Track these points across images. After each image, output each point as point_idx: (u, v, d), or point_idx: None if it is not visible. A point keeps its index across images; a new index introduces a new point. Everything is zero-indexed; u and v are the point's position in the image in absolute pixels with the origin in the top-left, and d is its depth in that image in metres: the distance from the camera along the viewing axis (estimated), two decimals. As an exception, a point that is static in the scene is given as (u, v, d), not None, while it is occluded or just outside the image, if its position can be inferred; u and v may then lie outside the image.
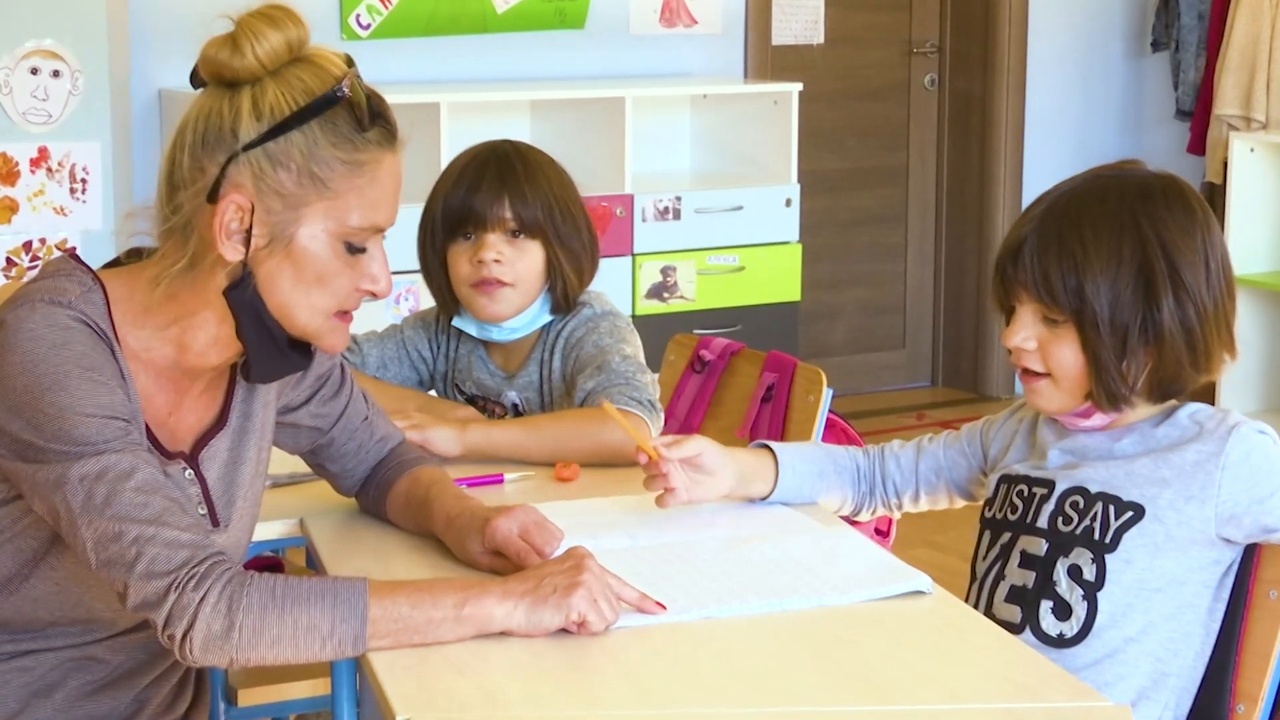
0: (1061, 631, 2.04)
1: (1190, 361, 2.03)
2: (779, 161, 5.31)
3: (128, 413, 1.77)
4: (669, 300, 5.07)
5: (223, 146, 1.77)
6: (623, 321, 2.64)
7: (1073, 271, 2.01)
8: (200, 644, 1.69)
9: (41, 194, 4.27)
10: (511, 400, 2.67)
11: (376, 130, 1.81)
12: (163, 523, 1.71)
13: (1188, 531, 2.02)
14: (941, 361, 6.66)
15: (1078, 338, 2.03)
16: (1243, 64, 5.90)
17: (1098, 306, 2.00)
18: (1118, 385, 2.03)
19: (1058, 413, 2.11)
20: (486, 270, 2.57)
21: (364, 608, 1.72)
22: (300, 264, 1.80)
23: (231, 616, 1.69)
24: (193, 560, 1.71)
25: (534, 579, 1.80)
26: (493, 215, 2.58)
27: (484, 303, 2.60)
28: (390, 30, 5.13)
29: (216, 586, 1.70)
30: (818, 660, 1.76)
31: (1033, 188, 6.31)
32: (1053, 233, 2.04)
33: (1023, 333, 2.07)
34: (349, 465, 2.19)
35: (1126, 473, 2.05)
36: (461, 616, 1.75)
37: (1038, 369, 2.08)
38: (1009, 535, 2.13)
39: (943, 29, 6.46)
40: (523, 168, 2.62)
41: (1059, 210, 2.06)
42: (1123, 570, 2.02)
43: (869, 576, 1.95)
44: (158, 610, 1.70)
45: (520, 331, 2.64)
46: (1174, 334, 2.01)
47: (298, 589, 1.72)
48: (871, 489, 2.32)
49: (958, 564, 2.36)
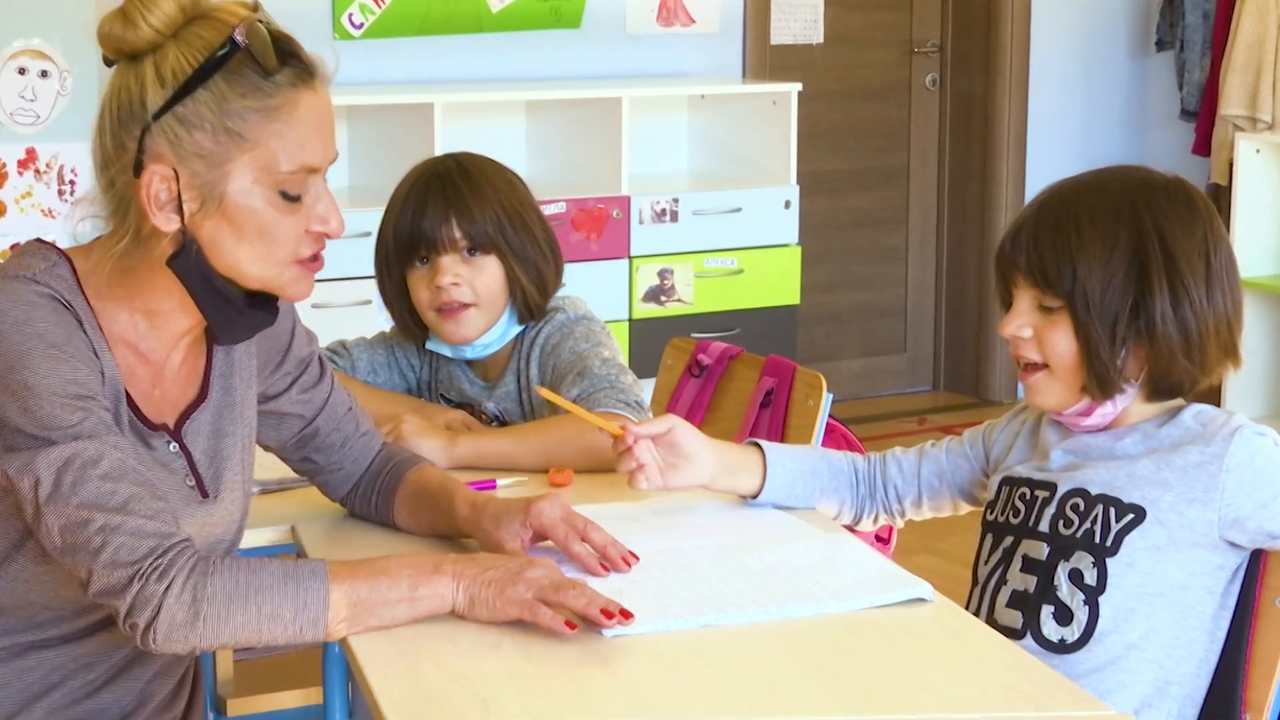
0: (1063, 637, 2.04)
1: (1184, 354, 2.03)
2: (778, 163, 5.31)
3: (95, 389, 1.78)
4: (666, 304, 5.07)
5: (136, 120, 1.79)
6: (597, 325, 2.64)
7: (1067, 255, 2.03)
8: (164, 633, 1.72)
9: (29, 196, 4.27)
10: (492, 411, 2.68)
11: (287, 71, 1.80)
12: (129, 511, 1.73)
13: (1190, 534, 2.02)
14: (943, 366, 6.67)
15: (1071, 324, 2.05)
16: (1248, 64, 5.90)
17: (1089, 289, 2.02)
18: (1107, 371, 2.04)
19: (1057, 408, 2.12)
20: (445, 295, 2.57)
21: (325, 593, 1.75)
22: (238, 221, 1.81)
23: (196, 606, 1.72)
24: (157, 550, 1.73)
25: (481, 565, 1.83)
26: (443, 237, 2.57)
27: (450, 328, 2.60)
28: (383, 30, 5.13)
29: (180, 576, 1.72)
30: (817, 669, 1.76)
31: (1035, 188, 6.26)
32: (1050, 218, 2.07)
33: (1018, 320, 2.09)
34: (335, 458, 2.19)
35: (1128, 474, 2.06)
36: (417, 597, 1.80)
37: (1034, 358, 2.09)
38: (1011, 539, 2.14)
39: (944, 28, 6.47)
40: (466, 184, 2.59)
41: (1059, 198, 2.09)
42: (1124, 574, 2.03)
43: (869, 584, 1.95)
44: (120, 598, 1.72)
45: (493, 347, 2.64)
46: (1167, 324, 2.02)
47: (261, 575, 1.75)
48: (872, 493, 2.32)
49: (959, 571, 2.36)
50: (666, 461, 2.17)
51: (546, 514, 2.01)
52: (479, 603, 1.81)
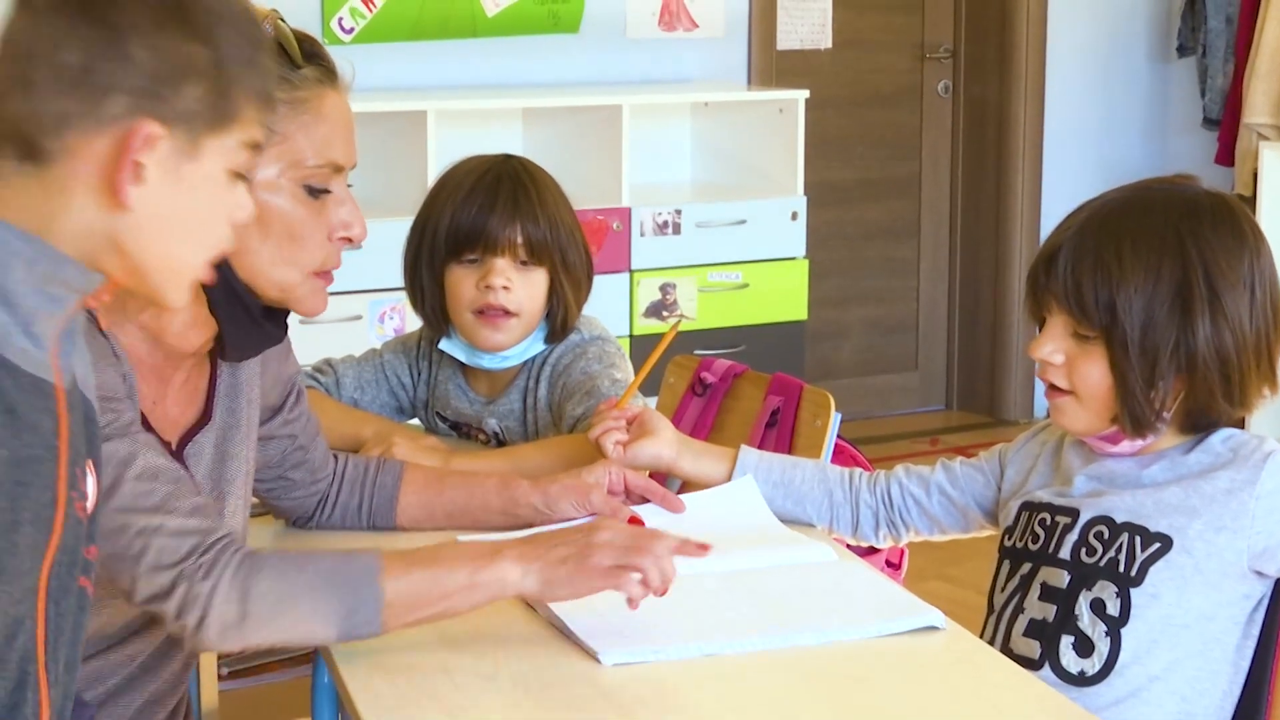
0: (1083, 669, 2.04)
1: (1224, 393, 2.02)
2: (784, 172, 5.32)
3: (123, 391, 1.80)
4: (668, 319, 5.07)
5: None
6: (612, 346, 2.65)
7: (1106, 285, 2.01)
8: (216, 633, 1.74)
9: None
10: (492, 428, 2.68)
11: (312, 68, 1.85)
12: (167, 510, 1.75)
13: (1219, 564, 2.01)
14: (956, 384, 6.67)
15: (1106, 356, 2.03)
16: (1273, 70, 5.91)
17: (1128, 325, 2.00)
18: (1144, 410, 2.02)
19: (1083, 433, 2.11)
20: (494, 297, 2.57)
21: (378, 590, 1.76)
22: (265, 219, 1.83)
23: (244, 605, 1.73)
24: (200, 548, 1.74)
25: (545, 544, 1.84)
26: (504, 239, 2.57)
27: (488, 333, 2.60)
28: (374, 34, 5.15)
29: (227, 574, 1.73)
30: (825, 699, 1.76)
31: (1052, 199, 6.33)
32: (1090, 243, 2.04)
33: (1050, 345, 2.07)
34: (312, 475, 2.23)
35: (1155, 501, 2.05)
36: (476, 584, 1.79)
37: (1062, 385, 2.08)
38: (1029, 566, 2.13)
39: (957, 32, 6.48)
40: (535, 189, 2.61)
41: (1099, 220, 2.06)
42: (1148, 605, 2.02)
43: (879, 611, 1.96)
44: (166, 601, 1.74)
45: (512, 360, 2.65)
46: (1208, 362, 2.00)
47: (310, 573, 1.76)
48: (873, 489, 2.32)
49: (972, 598, 2.36)
50: (631, 435, 2.28)
51: (598, 506, 2.19)
52: (558, 582, 1.81)
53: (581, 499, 2.23)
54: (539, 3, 5.38)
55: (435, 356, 2.74)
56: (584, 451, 2.39)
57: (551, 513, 2.22)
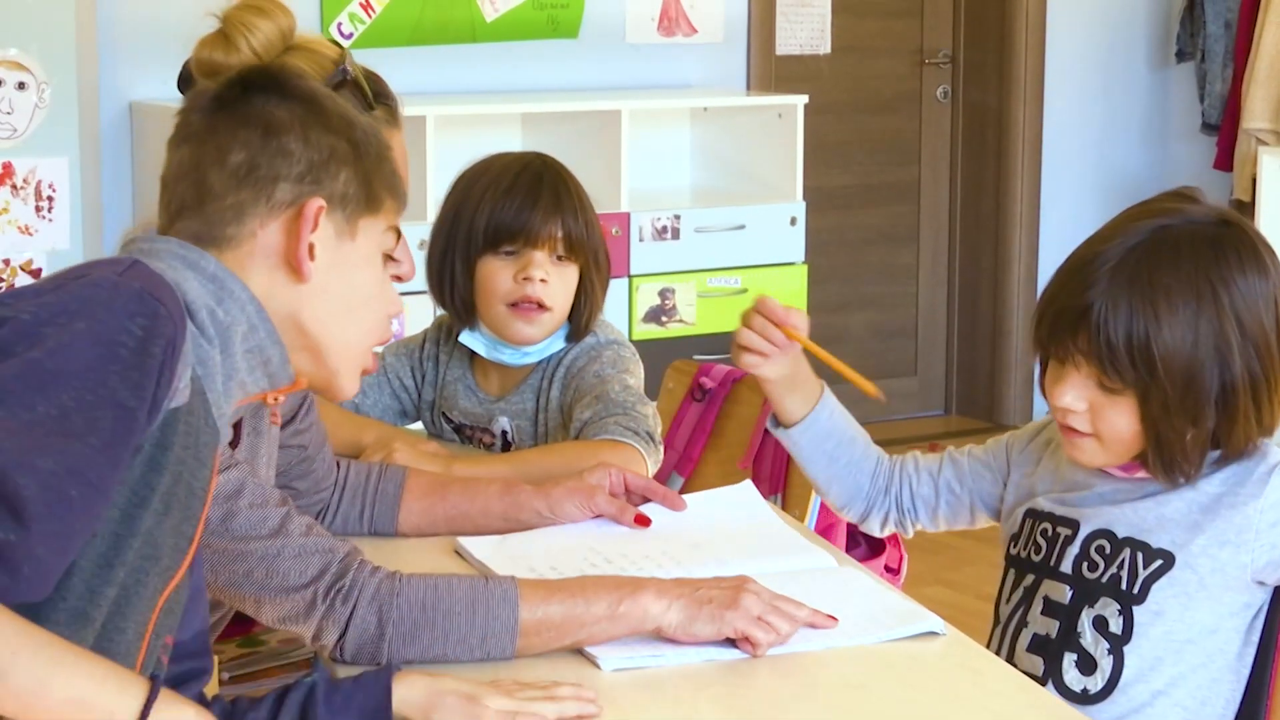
0: (1085, 687, 2.03)
1: (1256, 421, 2.00)
2: (783, 178, 5.32)
3: None
4: (667, 324, 5.07)
5: None
6: (627, 351, 2.66)
7: (1144, 345, 1.96)
8: (352, 651, 1.79)
9: (6, 212, 4.27)
10: (501, 427, 2.68)
11: (382, 108, 1.84)
12: (285, 533, 1.80)
13: (1222, 578, 2.00)
14: (955, 389, 6.67)
15: (1138, 409, 1.99)
16: (1272, 75, 5.92)
17: (1169, 384, 1.96)
18: (1180, 460, 2.00)
19: (1101, 465, 2.09)
20: (532, 289, 2.58)
21: (515, 619, 1.80)
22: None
23: (382, 628, 1.78)
24: (328, 569, 1.79)
25: (690, 585, 1.87)
26: (545, 233, 2.59)
27: (520, 326, 2.60)
28: (374, 39, 5.15)
29: (365, 597, 1.78)
30: (825, 704, 1.76)
31: (1051, 204, 6.33)
32: (1122, 300, 1.97)
33: (1072, 394, 2.02)
34: (317, 484, 2.24)
35: (1157, 516, 2.04)
36: (617, 615, 1.82)
37: (1084, 430, 2.04)
38: (1032, 577, 2.12)
39: (956, 38, 6.49)
40: (573, 186, 2.64)
41: (1127, 274, 1.98)
42: (1152, 623, 2.01)
43: (878, 617, 1.95)
44: (305, 623, 1.79)
45: (534, 357, 2.66)
46: (1245, 399, 1.98)
47: (449, 599, 1.80)
48: (887, 489, 2.30)
49: (971, 603, 2.37)
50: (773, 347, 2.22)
51: (602, 508, 2.20)
52: (701, 618, 1.83)
53: (585, 502, 2.23)
54: (538, 8, 5.38)
55: (442, 357, 2.74)
56: (585, 456, 2.39)
57: (555, 516, 2.23)
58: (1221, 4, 6.22)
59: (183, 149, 1.65)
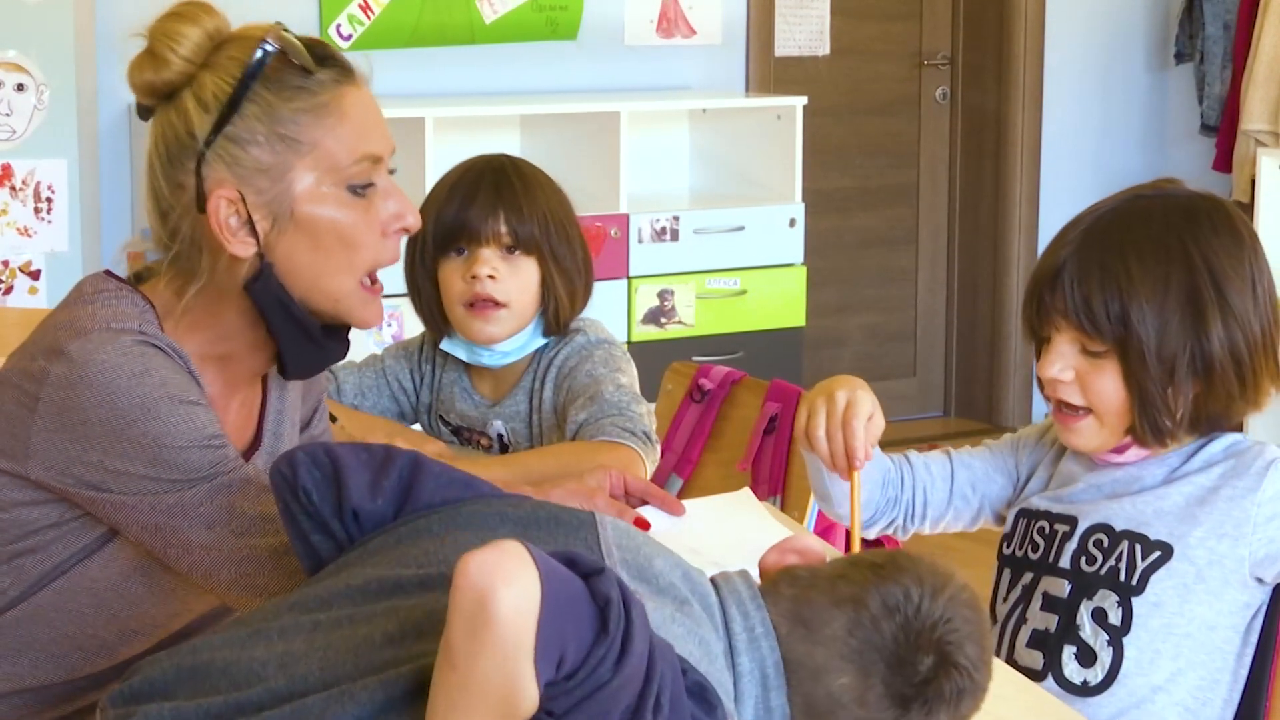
0: (1085, 679, 2.03)
1: (1240, 393, 2.01)
2: (782, 180, 5.32)
3: (219, 429, 1.79)
4: (666, 326, 5.07)
5: (187, 153, 1.80)
6: (618, 350, 2.65)
7: (1116, 298, 1.99)
8: None
9: (5, 214, 4.27)
10: (497, 431, 2.68)
11: (327, 70, 1.84)
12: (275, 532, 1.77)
13: (1220, 571, 2.01)
14: (954, 391, 6.67)
15: (1120, 369, 2.01)
16: (1271, 77, 5.92)
17: (1143, 335, 1.99)
18: (1163, 419, 2.01)
19: (1097, 450, 2.10)
20: (480, 287, 2.58)
21: None
22: (315, 230, 1.80)
23: None
24: None
25: None
26: (487, 230, 2.59)
27: (479, 325, 2.61)
28: (373, 41, 5.15)
29: None
30: (825, 707, 1.75)
31: (1050, 206, 6.33)
32: (1094, 257, 2.02)
33: (1059, 363, 2.05)
34: None
35: (1155, 509, 2.04)
36: None
37: (1076, 402, 2.05)
38: (1030, 575, 2.13)
39: (955, 40, 6.48)
40: (519, 182, 2.63)
41: (1099, 233, 2.03)
42: (1151, 614, 2.02)
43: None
44: None
45: (512, 356, 2.65)
46: (1224, 364, 1.99)
47: None
48: (897, 498, 2.28)
49: (971, 605, 2.35)
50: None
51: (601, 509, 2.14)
52: None
53: (585, 504, 2.22)
54: (537, 10, 5.38)
55: (439, 360, 2.74)
56: (584, 458, 2.38)
57: None
58: (1220, 5, 6.22)
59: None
